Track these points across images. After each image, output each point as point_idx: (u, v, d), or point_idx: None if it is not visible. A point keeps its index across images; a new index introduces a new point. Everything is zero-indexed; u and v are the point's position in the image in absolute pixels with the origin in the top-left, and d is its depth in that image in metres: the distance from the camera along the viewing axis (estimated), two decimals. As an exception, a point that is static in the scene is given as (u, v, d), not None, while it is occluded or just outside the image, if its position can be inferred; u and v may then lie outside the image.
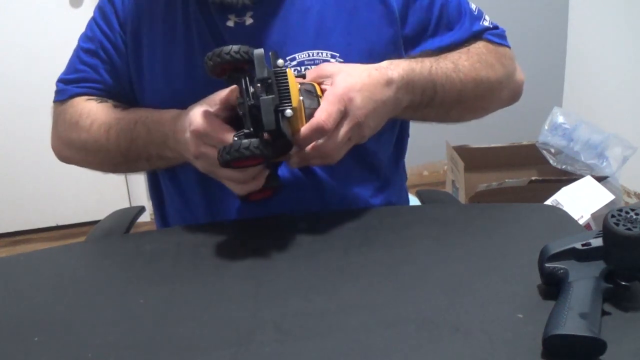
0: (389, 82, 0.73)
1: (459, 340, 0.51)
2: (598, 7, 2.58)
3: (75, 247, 0.80)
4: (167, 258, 0.70)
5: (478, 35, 0.87)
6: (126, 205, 2.24)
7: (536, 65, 2.66)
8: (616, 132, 2.14)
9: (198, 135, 0.70)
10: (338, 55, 0.80)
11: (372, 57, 0.79)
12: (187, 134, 0.71)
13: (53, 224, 2.61)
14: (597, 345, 0.46)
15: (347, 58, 0.80)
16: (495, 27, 0.91)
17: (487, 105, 0.89)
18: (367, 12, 0.82)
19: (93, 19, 0.89)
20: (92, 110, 0.86)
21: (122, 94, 0.88)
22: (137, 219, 1.02)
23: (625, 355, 0.47)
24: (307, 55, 0.80)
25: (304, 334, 0.53)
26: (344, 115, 0.69)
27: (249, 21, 0.82)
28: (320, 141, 0.69)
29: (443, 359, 0.49)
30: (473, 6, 0.89)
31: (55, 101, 0.92)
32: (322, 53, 0.80)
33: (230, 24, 0.81)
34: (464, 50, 0.85)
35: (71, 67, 0.90)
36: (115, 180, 2.57)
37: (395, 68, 0.75)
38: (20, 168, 2.46)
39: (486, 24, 0.89)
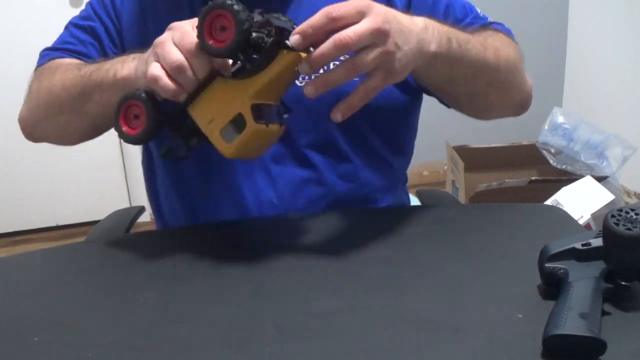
0: (412, 18, 0.66)
1: (459, 340, 0.51)
2: (598, 7, 2.58)
3: (75, 247, 0.80)
4: (167, 258, 0.70)
5: (485, 26, 0.85)
6: (126, 205, 2.25)
7: (536, 65, 2.66)
8: (616, 132, 2.14)
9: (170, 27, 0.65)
10: None
11: None
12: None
13: (53, 224, 2.61)
14: (597, 345, 0.46)
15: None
16: (502, 25, 0.89)
17: (510, 83, 0.82)
18: None
19: (90, 3, 0.90)
20: (67, 61, 0.84)
21: None
22: (137, 219, 1.02)
23: (625, 355, 0.47)
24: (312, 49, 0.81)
25: (304, 334, 0.53)
26: (374, 41, 0.60)
27: (257, 17, 0.82)
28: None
29: (443, 359, 0.49)
30: (479, 9, 0.89)
31: (36, 68, 0.88)
32: None
33: None
34: (475, 30, 0.81)
35: (59, 40, 0.90)
36: (115, 180, 2.57)
37: (412, 13, 0.68)
38: (20, 168, 2.46)
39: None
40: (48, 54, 0.88)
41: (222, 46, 0.60)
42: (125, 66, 0.71)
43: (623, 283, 0.53)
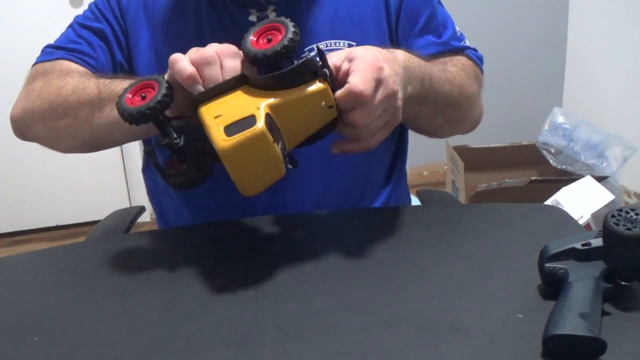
0: (393, 53, 0.69)
1: (459, 340, 0.51)
2: (598, 7, 2.58)
3: (75, 247, 0.80)
4: (167, 258, 0.70)
5: (459, 51, 0.89)
6: (126, 205, 2.24)
7: (536, 65, 2.67)
8: (616, 132, 2.14)
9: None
10: (355, 44, 0.81)
11: (380, 41, 0.80)
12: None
13: (53, 224, 2.61)
14: (597, 345, 0.46)
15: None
16: (475, 50, 0.92)
17: (465, 117, 0.88)
18: (370, 8, 0.84)
19: (94, 3, 0.88)
20: (81, 68, 0.82)
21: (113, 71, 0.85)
22: (137, 219, 1.02)
23: (625, 355, 0.47)
24: (325, 45, 0.82)
25: (304, 334, 0.53)
26: (377, 84, 0.62)
27: (272, 15, 0.82)
28: (357, 112, 0.61)
29: (443, 359, 0.49)
30: (457, 28, 0.91)
31: (36, 62, 0.85)
32: (339, 43, 0.82)
33: (252, 18, 0.82)
34: (447, 58, 0.85)
35: (64, 38, 0.86)
36: (115, 180, 2.57)
37: (394, 50, 0.71)
38: (20, 168, 2.46)
39: (467, 44, 0.91)
40: (53, 52, 0.84)
41: (266, 47, 0.61)
42: None
43: (623, 283, 0.53)
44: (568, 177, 2.04)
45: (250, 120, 0.57)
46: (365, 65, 0.61)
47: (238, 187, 0.61)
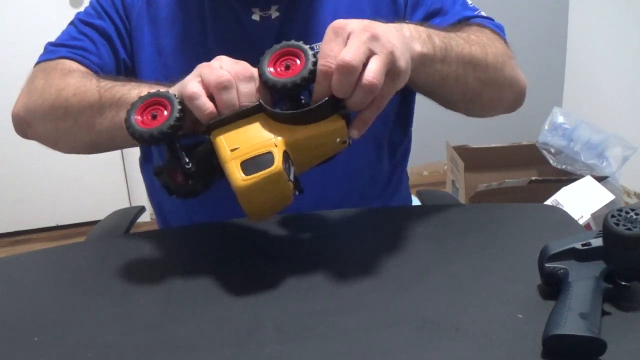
0: (396, 25, 0.65)
1: (459, 340, 0.51)
2: (598, 7, 2.58)
3: (75, 247, 0.80)
4: (167, 258, 0.70)
5: (471, 20, 0.84)
6: (126, 205, 2.24)
7: (536, 65, 2.67)
8: (616, 132, 2.14)
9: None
10: None
11: None
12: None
13: (53, 224, 2.61)
14: (597, 345, 0.46)
15: None
16: (492, 19, 0.87)
17: (501, 78, 0.80)
18: (369, 3, 0.84)
19: (96, 0, 0.87)
20: (90, 72, 0.80)
21: (117, 71, 0.85)
22: (137, 219, 1.02)
23: (625, 355, 0.47)
24: None
25: (304, 334, 0.53)
26: (370, 48, 0.57)
27: (275, 14, 0.82)
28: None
29: (443, 359, 0.49)
30: (470, 1, 0.88)
31: (37, 62, 0.84)
32: None
33: (255, 17, 0.82)
34: (459, 25, 0.81)
35: (65, 35, 0.85)
36: (115, 180, 2.57)
37: (397, 21, 0.68)
38: (20, 168, 2.46)
39: (482, 14, 0.86)
40: (55, 50, 0.83)
41: (285, 76, 0.59)
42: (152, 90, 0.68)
43: (623, 283, 0.53)
44: (568, 177, 2.04)
45: (267, 157, 0.57)
46: (357, 30, 0.58)
47: (247, 214, 0.61)
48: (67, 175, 2.51)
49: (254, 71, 0.61)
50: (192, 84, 0.60)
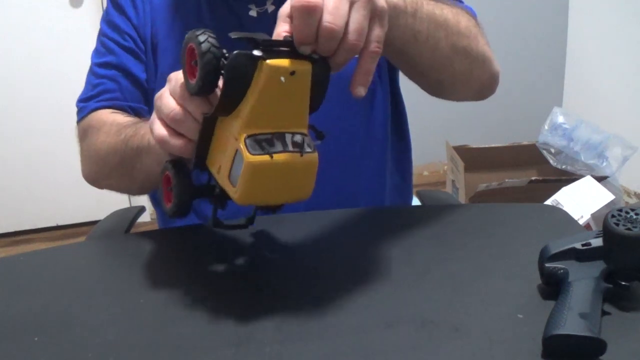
0: None
1: (459, 340, 0.51)
2: (598, 7, 2.58)
3: (75, 247, 0.80)
4: (167, 258, 0.70)
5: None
6: (126, 205, 2.24)
7: (536, 65, 2.67)
8: (616, 132, 2.14)
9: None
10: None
11: None
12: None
13: (53, 224, 2.62)
14: (597, 345, 0.46)
15: None
16: (469, 7, 0.84)
17: (474, 49, 0.78)
18: None
19: (102, 33, 0.88)
20: (117, 119, 0.82)
21: (144, 96, 0.87)
22: (137, 219, 1.02)
23: (625, 355, 0.47)
24: None
25: (304, 334, 0.53)
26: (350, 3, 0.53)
27: (270, 8, 0.82)
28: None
29: (443, 359, 0.49)
30: None
31: (77, 123, 0.89)
32: None
33: (252, 13, 0.82)
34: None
35: (87, 85, 0.89)
36: (115, 180, 2.57)
37: None
38: (21, 168, 2.47)
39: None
40: (85, 107, 0.87)
41: (193, 81, 0.53)
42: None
43: (623, 283, 0.53)
44: (568, 177, 2.04)
45: (238, 157, 0.52)
46: None
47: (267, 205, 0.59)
48: (67, 175, 2.51)
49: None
50: (155, 128, 0.58)
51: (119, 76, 0.86)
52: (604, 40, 2.55)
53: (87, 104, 0.87)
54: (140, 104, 0.87)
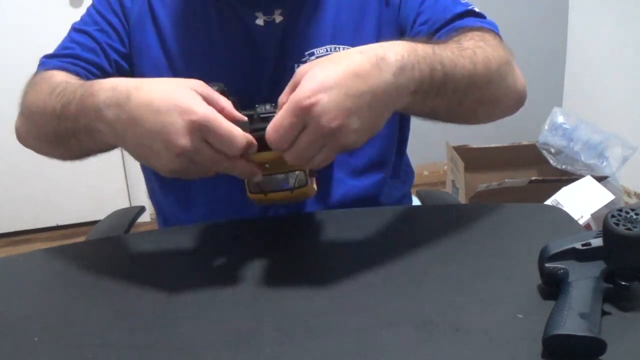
0: (380, 64, 0.57)
1: (459, 340, 0.51)
2: (598, 7, 2.58)
3: (75, 247, 0.80)
4: (167, 258, 0.70)
5: (462, 16, 0.81)
6: (126, 205, 2.24)
7: (536, 65, 2.67)
8: (616, 132, 2.14)
9: (200, 127, 0.55)
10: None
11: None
12: (179, 121, 0.55)
13: (53, 224, 2.61)
14: (597, 345, 0.46)
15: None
16: (484, 17, 0.83)
17: (501, 92, 0.75)
18: (371, 12, 0.83)
19: (92, 5, 0.88)
20: (54, 74, 0.77)
21: (105, 75, 0.83)
22: (137, 219, 1.02)
23: (625, 355, 0.47)
24: (325, 50, 0.81)
25: (304, 334, 0.53)
26: (303, 126, 0.55)
27: (278, 19, 0.82)
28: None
29: (443, 359, 0.49)
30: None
31: (34, 75, 0.83)
32: (339, 48, 0.81)
33: (259, 22, 0.81)
34: (460, 35, 0.75)
35: (59, 46, 0.87)
36: (115, 180, 2.57)
37: (389, 47, 0.59)
38: (20, 168, 2.46)
39: (475, 9, 0.83)
40: (47, 62, 0.83)
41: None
42: (100, 121, 0.61)
43: (623, 283, 0.53)
44: (568, 177, 2.04)
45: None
46: (290, 105, 0.54)
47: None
48: (67, 175, 2.51)
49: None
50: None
51: (93, 49, 0.83)
52: (604, 40, 2.55)
53: (50, 60, 0.84)
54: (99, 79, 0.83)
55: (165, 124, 0.55)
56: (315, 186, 0.69)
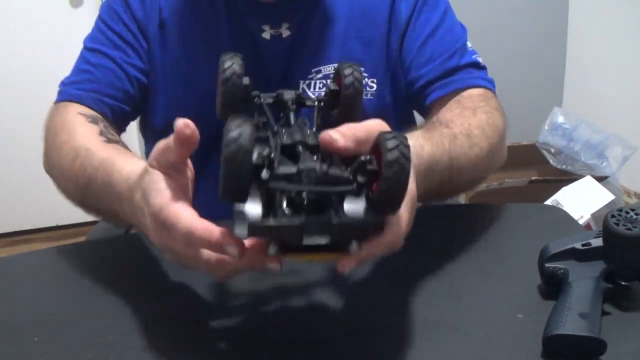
0: (414, 177, 0.55)
1: (459, 340, 0.51)
2: (598, 7, 2.58)
3: (75, 247, 0.80)
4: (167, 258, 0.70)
5: (464, 67, 0.82)
6: (126, 205, 2.24)
7: (536, 65, 2.66)
8: (616, 132, 2.14)
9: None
10: (363, 69, 0.79)
11: (388, 67, 0.80)
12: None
13: (53, 224, 2.61)
14: (597, 345, 0.46)
15: (368, 70, 0.80)
16: (485, 70, 0.84)
17: (490, 172, 0.80)
18: (379, 20, 0.82)
19: (100, 18, 0.85)
20: (75, 128, 0.77)
21: (128, 96, 0.83)
22: (137, 219, 1.01)
23: (625, 355, 0.47)
24: (332, 68, 0.80)
25: (304, 334, 0.53)
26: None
27: (285, 33, 0.80)
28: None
29: (443, 359, 0.49)
30: (469, 44, 0.85)
31: (55, 102, 0.84)
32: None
33: (266, 35, 0.80)
34: (467, 106, 0.77)
35: (75, 69, 0.85)
36: (115, 180, 2.57)
37: (421, 156, 0.61)
38: (21, 168, 2.46)
39: (478, 59, 0.84)
40: (64, 91, 0.83)
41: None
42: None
43: (623, 283, 0.53)
44: (568, 177, 2.04)
45: None
46: (381, 249, 0.50)
47: None
48: (67, 175, 2.51)
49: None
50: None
51: (112, 70, 0.82)
52: (604, 40, 2.55)
53: (69, 89, 0.83)
54: (122, 104, 0.82)
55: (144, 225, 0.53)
56: None
